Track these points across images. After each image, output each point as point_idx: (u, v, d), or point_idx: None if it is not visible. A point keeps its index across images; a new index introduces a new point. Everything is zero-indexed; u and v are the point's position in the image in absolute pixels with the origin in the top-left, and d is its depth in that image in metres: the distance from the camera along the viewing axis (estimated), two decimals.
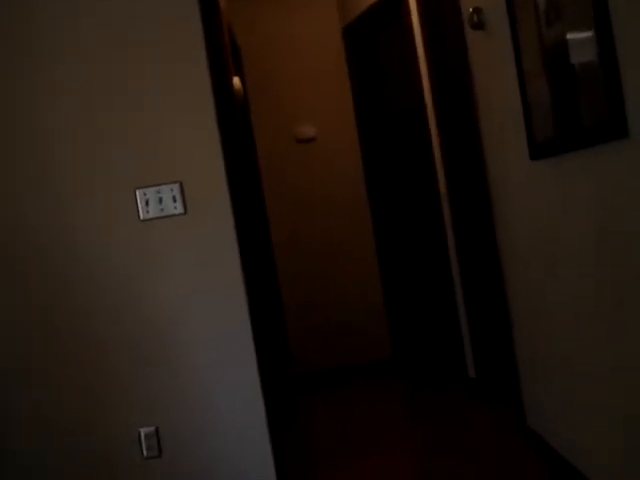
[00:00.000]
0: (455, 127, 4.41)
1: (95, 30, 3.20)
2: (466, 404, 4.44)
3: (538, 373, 3.34)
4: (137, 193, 3.20)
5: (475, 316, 4.46)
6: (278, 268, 5.40)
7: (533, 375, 3.43)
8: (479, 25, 3.38)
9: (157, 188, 3.19)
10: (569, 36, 2.35)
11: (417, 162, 5.22)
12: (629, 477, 2.42)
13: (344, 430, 4.34)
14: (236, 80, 4.64)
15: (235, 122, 4.30)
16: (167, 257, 3.22)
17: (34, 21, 3.18)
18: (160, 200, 3.19)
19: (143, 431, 3.23)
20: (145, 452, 3.23)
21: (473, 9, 3.39)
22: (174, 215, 3.21)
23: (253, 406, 3.23)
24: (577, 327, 2.70)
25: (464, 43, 3.76)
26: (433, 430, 4.09)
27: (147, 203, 3.19)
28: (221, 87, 3.48)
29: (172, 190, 3.19)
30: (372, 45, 5.61)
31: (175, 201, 3.19)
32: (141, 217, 3.21)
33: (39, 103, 3.19)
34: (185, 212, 3.21)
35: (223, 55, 4.13)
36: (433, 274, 5.35)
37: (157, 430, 3.23)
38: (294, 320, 5.58)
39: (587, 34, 2.18)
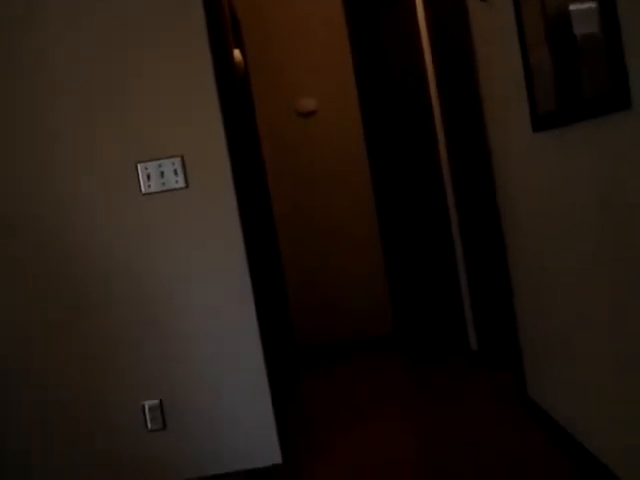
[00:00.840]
0: (457, 99, 4.39)
1: None
2: (467, 374, 4.47)
3: (539, 344, 3.36)
4: (139, 167, 3.20)
5: (477, 288, 4.47)
6: (280, 241, 5.41)
7: (534, 346, 3.45)
8: None
9: (159, 162, 3.20)
10: (572, 7, 2.33)
11: (419, 135, 5.21)
12: (629, 448, 2.44)
13: (345, 399, 4.38)
14: (236, 53, 4.62)
15: (236, 95, 4.29)
16: (169, 230, 3.23)
17: None
18: (162, 174, 3.19)
19: (147, 404, 3.25)
20: (149, 425, 3.26)
21: None
22: (176, 189, 3.21)
23: (256, 377, 3.25)
24: (577, 298, 2.71)
25: (466, 14, 3.74)
26: (433, 399, 4.12)
27: (149, 177, 3.19)
28: (222, 59, 3.46)
29: (174, 164, 3.19)
30: (373, 17, 5.57)
31: (177, 175, 3.19)
32: (143, 191, 3.21)
33: (38, 75, 3.19)
34: (187, 186, 3.21)
35: (223, 27, 4.11)
36: (435, 247, 5.36)
37: (161, 403, 3.26)
38: (296, 294, 5.60)
39: (590, 5, 2.17)
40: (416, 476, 3.16)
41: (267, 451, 3.27)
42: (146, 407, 3.25)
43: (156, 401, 3.25)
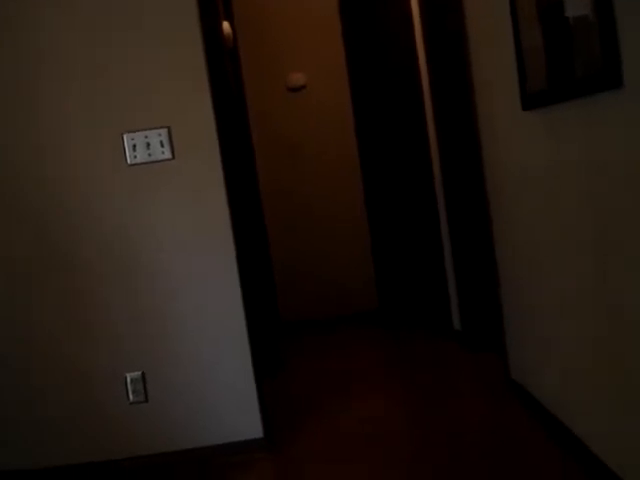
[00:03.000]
0: (447, 77, 4.36)
1: None
2: (451, 353, 4.47)
3: (522, 326, 3.36)
4: (125, 137, 3.17)
5: (462, 269, 4.47)
6: (266, 218, 5.38)
7: (517, 328, 3.45)
8: None
9: (145, 133, 3.16)
10: None
11: (407, 112, 5.18)
12: (612, 429, 2.45)
13: (328, 375, 4.38)
14: (226, 25, 4.56)
15: (224, 68, 4.24)
16: (155, 202, 3.20)
17: None
18: (148, 145, 3.16)
19: (129, 376, 3.24)
20: (131, 397, 3.25)
21: None
22: (162, 160, 3.18)
23: (239, 352, 3.25)
24: (562, 280, 2.71)
25: None
26: (416, 375, 4.13)
27: (134, 148, 3.16)
28: (211, 31, 3.41)
29: (160, 135, 3.16)
30: None
31: (163, 146, 3.16)
32: (129, 162, 3.18)
33: (23, 42, 3.13)
34: (173, 157, 3.18)
35: None
36: (421, 227, 5.35)
37: (143, 375, 3.24)
38: (282, 270, 5.58)
39: None
40: (397, 450, 3.17)
41: (249, 425, 3.27)
42: (128, 379, 3.24)
43: (138, 373, 3.24)
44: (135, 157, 3.16)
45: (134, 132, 3.15)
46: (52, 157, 3.18)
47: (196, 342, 3.24)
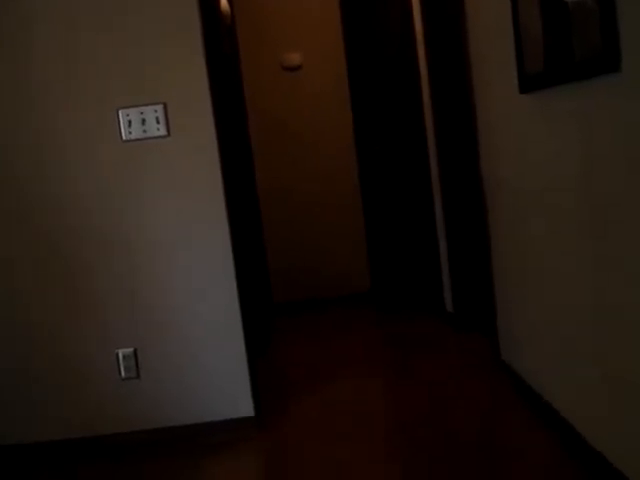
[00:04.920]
0: (444, 58, 4.34)
1: None
2: (442, 335, 4.49)
3: (513, 309, 3.37)
4: (120, 113, 3.15)
5: (455, 252, 4.48)
6: (260, 198, 5.37)
7: (508, 311, 3.47)
8: None
9: (140, 109, 3.14)
10: None
11: (404, 94, 5.17)
12: (596, 413, 2.47)
13: (320, 355, 4.40)
14: (223, 1, 4.53)
15: (221, 46, 4.22)
16: (150, 178, 3.19)
17: None
18: (143, 121, 3.14)
19: (121, 352, 3.24)
20: (123, 373, 3.25)
21: None
22: (157, 137, 3.17)
23: (232, 330, 3.25)
24: (553, 260, 2.72)
25: None
26: (407, 358, 4.14)
27: (130, 124, 3.15)
28: (208, 8, 3.39)
29: (156, 111, 3.14)
30: None
31: (158, 122, 3.15)
32: (123, 138, 3.17)
33: (16, 23, 3.11)
34: (168, 134, 3.17)
35: None
36: (415, 208, 5.35)
37: (135, 352, 3.25)
38: (275, 251, 5.58)
39: None
40: (386, 430, 3.19)
41: (240, 403, 3.28)
42: (120, 355, 3.24)
43: (130, 350, 3.24)
44: (130, 133, 3.15)
45: (129, 108, 3.14)
46: (46, 129, 3.16)
47: (189, 320, 3.25)
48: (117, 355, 3.24)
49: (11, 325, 3.23)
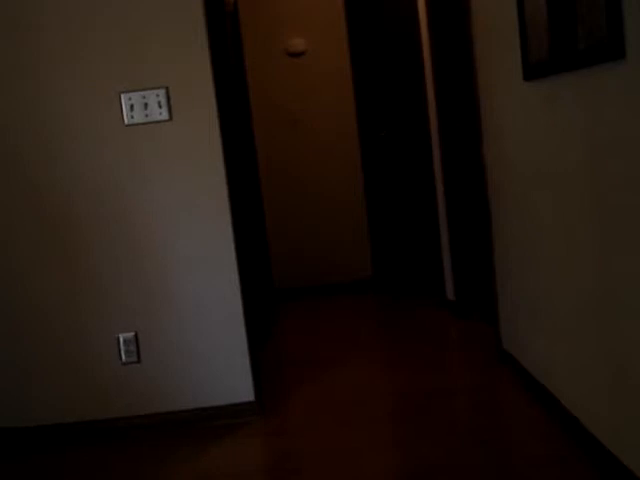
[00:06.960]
0: (448, 45, 4.33)
1: None
2: (444, 323, 4.49)
3: (514, 298, 3.37)
4: (122, 97, 3.14)
5: (457, 240, 4.47)
6: (262, 184, 5.37)
7: (509, 300, 3.46)
8: None
9: (142, 93, 3.13)
10: None
11: (408, 77, 5.15)
12: (596, 400, 2.47)
13: (321, 341, 4.41)
14: None
15: (224, 31, 4.20)
16: (151, 163, 3.19)
17: None
18: (145, 106, 3.14)
19: (122, 336, 3.25)
20: (124, 357, 3.25)
21: None
22: (159, 121, 3.16)
23: (233, 315, 3.25)
24: (556, 248, 2.72)
25: None
26: (408, 345, 4.14)
27: (132, 108, 3.14)
28: None
29: (158, 95, 3.13)
30: None
31: (161, 107, 3.14)
32: (126, 122, 3.16)
33: (23, 7, 3.10)
34: (170, 118, 3.16)
35: None
36: (417, 195, 5.35)
37: (136, 336, 3.25)
38: (277, 237, 5.57)
39: None
40: (386, 416, 3.19)
41: (241, 388, 3.29)
42: (121, 339, 3.25)
43: (131, 334, 3.25)
44: (132, 117, 3.14)
45: (132, 92, 3.13)
46: (49, 109, 3.15)
47: (190, 304, 3.25)
48: (118, 339, 3.24)
49: (11, 308, 3.24)
